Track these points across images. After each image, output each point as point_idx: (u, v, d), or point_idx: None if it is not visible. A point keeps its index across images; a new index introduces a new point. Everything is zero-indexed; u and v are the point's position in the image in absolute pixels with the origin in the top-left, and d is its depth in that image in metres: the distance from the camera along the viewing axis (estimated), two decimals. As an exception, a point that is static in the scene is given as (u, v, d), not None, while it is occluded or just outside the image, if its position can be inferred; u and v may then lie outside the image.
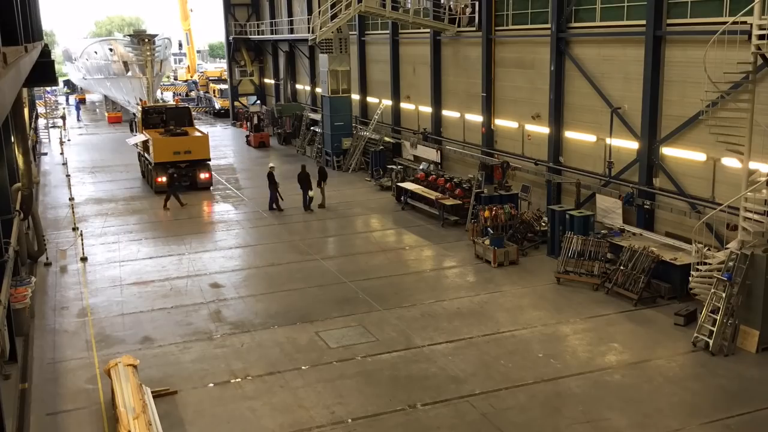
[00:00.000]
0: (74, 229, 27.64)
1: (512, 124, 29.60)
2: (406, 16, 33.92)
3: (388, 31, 39.88)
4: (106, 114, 67.40)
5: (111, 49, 55.62)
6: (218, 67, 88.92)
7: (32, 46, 20.44)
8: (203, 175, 34.87)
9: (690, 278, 17.64)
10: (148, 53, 47.33)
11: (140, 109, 40.82)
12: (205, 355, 16.54)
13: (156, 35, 49.72)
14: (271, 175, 30.78)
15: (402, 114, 40.21)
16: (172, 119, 38.54)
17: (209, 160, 35.52)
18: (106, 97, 67.59)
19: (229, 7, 64.30)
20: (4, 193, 19.26)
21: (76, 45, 74.13)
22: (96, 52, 60.22)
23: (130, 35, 51.65)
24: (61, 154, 46.47)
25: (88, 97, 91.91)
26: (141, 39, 48.58)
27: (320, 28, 35.90)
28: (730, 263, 16.40)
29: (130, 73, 54.34)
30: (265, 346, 16.98)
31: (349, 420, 13.62)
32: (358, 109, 44.26)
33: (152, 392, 14.02)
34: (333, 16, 36.28)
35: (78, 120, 71.11)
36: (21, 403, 14.47)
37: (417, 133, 37.39)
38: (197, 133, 36.88)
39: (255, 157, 45.90)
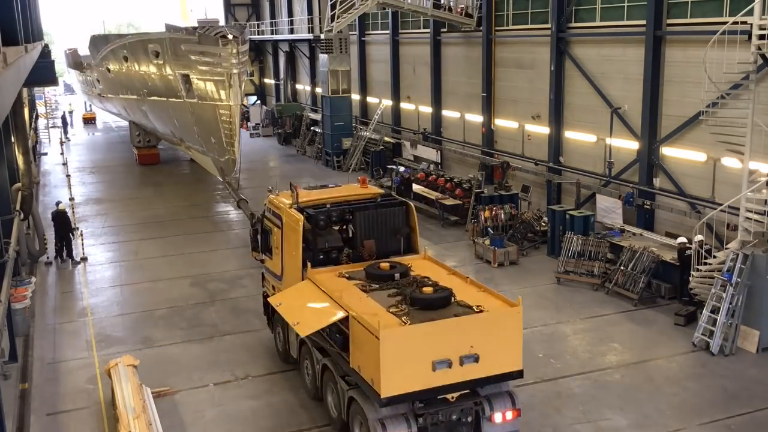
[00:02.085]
0: (74, 229, 27.60)
1: (512, 124, 29.59)
2: (425, 9, 33.28)
3: (388, 31, 39.87)
4: (136, 151, 43.86)
5: (157, 53, 27.53)
6: None
7: (32, 46, 20.46)
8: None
9: (690, 278, 17.67)
10: (234, 61, 23.15)
11: (294, 206, 14.89)
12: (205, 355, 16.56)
13: (245, 28, 25.25)
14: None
15: (402, 114, 40.20)
16: (371, 234, 14.90)
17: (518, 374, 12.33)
18: (135, 124, 42.80)
19: (229, 7, 64.36)
20: (4, 193, 19.26)
21: (93, 46, 40.35)
22: (126, 58, 32.33)
23: (194, 29, 25.55)
24: (62, 154, 46.43)
25: (107, 122, 66.09)
26: (218, 36, 23.13)
27: (336, 19, 35.01)
28: (730, 263, 16.40)
29: (191, 95, 26.58)
30: (266, 345, 16.99)
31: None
32: (358, 109, 44.26)
33: (152, 392, 14.02)
34: (347, 9, 35.43)
35: (64, 137, 54.08)
36: (21, 403, 14.48)
37: (417, 133, 37.39)
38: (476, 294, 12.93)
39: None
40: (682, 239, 19.09)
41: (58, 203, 25.09)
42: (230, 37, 22.62)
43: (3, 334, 14.34)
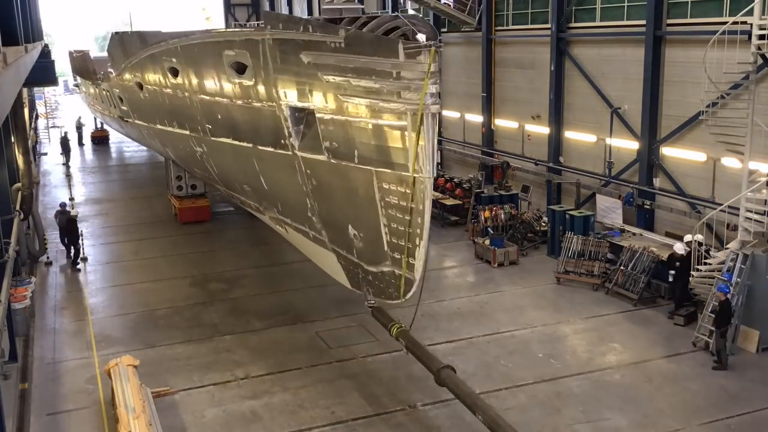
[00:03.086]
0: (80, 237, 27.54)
1: (512, 124, 29.58)
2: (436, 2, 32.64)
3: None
4: (176, 203, 29.05)
5: (241, 66, 15.01)
6: None
7: (32, 46, 20.47)
8: None
9: (690, 278, 17.67)
10: (432, 88, 12.09)
11: None
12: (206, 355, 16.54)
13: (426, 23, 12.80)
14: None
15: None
16: None
17: None
18: (176, 164, 28.56)
19: (229, 7, 64.31)
20: (4, 193, 19.27)
21: (116, 48, 23.68)
22: (176, 70, 18.41)
23: (333, 21, 13.30)
24: (61, 154, 46.40)
25: (122, 141, 51.20)
26: (398, 37, 12.10)
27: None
28: (730, 263, 16.39)
29: (311, 145, 14.56)
30: (268, 345, 16.99)
31: (349, 420, 13.63)
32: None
33: (152, 392, 14.03)
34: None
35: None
36: (21, 403, 14.48)
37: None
38: None
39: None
40: (688, 238, 18.66)
41: (63, 205, 24.98)
42: (422, 39, 11.75)
43: (3, 334, 14.33)
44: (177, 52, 17.86)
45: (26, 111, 34.99)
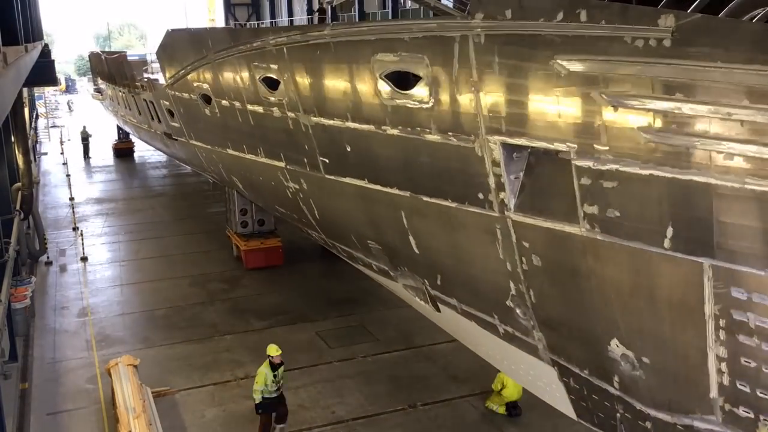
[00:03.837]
0: (74, 228, 27.66)
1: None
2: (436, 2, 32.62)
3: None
4: (240, 244, 22.79)
5: (401, 81, 9.72)
6: None
7: (32, 46, 20.51)
8: None
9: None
10: None
11: None
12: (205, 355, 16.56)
13: None
14: None
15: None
16: None
17: None
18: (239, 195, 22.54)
19: (229, 7, 64.37)
20: (4, 192, 19.28)
21: (178, 49, 17.87)
22: (276, 81, 12.74)
23: None
24: (62, 153, 46.45)
25: (147, 154, 45.20)
26: None
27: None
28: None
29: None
30: (266, 345, 16.97)
31: (349, 420, 13.63)
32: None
33: (152, 392, 14.04)
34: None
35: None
36: (21, 403, 14.49)
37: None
38: None
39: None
40: None
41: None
42: None
43: (3, 334, 14.34)
44: (280, 56, 12.25)
45: (26, 111, 35.02)
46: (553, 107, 7.74)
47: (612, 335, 8.65)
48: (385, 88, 9.87)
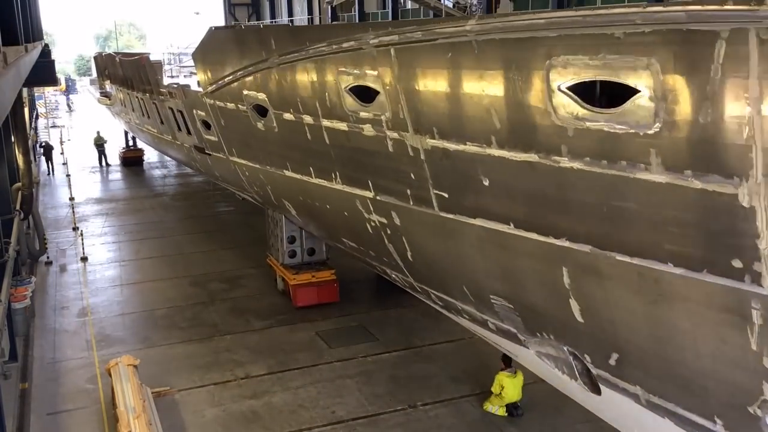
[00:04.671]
0: (74, 228, 27.65)
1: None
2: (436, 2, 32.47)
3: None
4: (287, 278, 19.20)
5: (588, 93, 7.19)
6: None
7: (32, 46, 20.51)
8: None
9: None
10: None
11: None
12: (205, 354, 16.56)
13: None
14: None
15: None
16: None
17: None
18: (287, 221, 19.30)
19: (229, 7, 64.40)
20: (4, 192, 19.29)
21: (227, 50, 15.01)
22: (368, 91, 10.36)
23: None
24: (62, 153, 46.43)
25: (158, 162, 43.03)
26: None
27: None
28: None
29: None
30: (268, 345, 16.99)
31: (349, 420, 13.63)
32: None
33: (152, 392, 14.04)
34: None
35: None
36: (21, 403, 14.49)
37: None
38: None
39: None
40: None
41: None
42: None
43: (3, 334, 14.35)
44: (384, 60, 9.67)
45: (26, 111, 35.01)
46: None
47: None
48: (566, 102, 7.24)
